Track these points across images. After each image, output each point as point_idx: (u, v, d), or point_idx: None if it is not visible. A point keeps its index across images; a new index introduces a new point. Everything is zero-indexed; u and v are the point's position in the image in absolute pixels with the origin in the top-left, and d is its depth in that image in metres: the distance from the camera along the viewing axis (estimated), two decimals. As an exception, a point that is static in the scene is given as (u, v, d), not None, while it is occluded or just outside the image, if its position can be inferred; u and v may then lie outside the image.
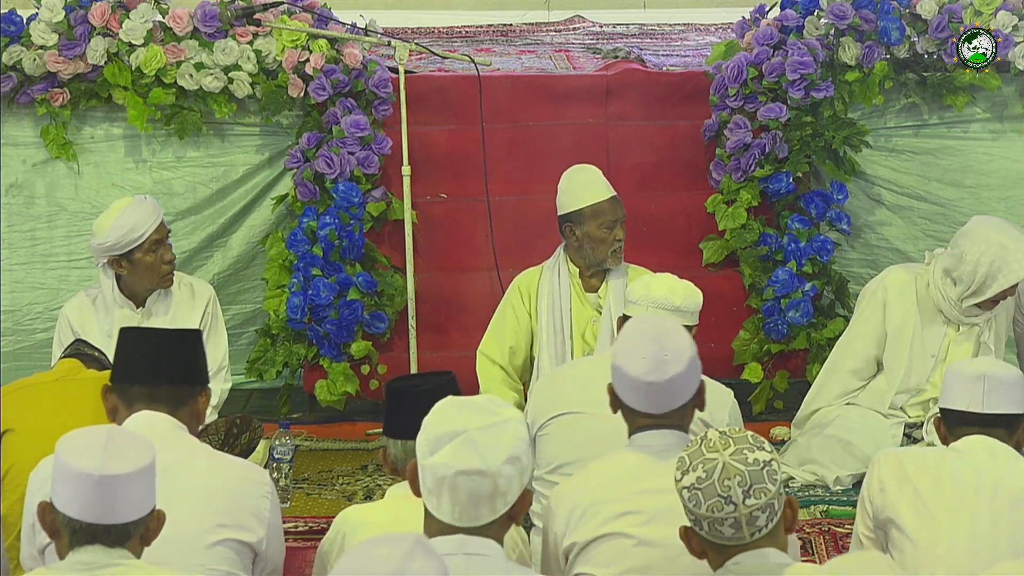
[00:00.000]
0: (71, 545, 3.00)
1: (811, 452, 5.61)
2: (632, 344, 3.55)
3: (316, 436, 6.17)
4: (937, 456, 3.84)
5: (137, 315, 5.43)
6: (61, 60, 6.19)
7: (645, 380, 3.50)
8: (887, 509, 3.80)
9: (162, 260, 5.39)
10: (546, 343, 5.51)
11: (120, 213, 5.35)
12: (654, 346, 3.51)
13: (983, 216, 5.69)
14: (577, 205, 5.48)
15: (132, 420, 3.60)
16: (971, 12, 6.33)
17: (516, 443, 2.89)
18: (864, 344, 5.59)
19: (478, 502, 2.87)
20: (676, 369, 3.50)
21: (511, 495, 2.90)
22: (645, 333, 3.56)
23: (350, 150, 6.24)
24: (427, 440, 2.90)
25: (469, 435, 2.87)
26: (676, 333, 3.58)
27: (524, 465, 2.90)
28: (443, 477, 2.86)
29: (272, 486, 3.68)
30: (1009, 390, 3.79)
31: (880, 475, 3.84)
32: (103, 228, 5.35)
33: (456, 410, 2.92)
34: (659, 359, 3.50)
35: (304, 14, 6.35)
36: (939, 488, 3.76)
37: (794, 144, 6.33)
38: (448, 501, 2.88)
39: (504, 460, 2.86)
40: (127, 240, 5.33)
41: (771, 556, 3.04)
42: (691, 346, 3.56)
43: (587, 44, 7.86)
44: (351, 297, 6.24)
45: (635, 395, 3.54)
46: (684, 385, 3.53)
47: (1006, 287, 5.32)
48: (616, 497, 3.50)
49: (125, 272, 5.39)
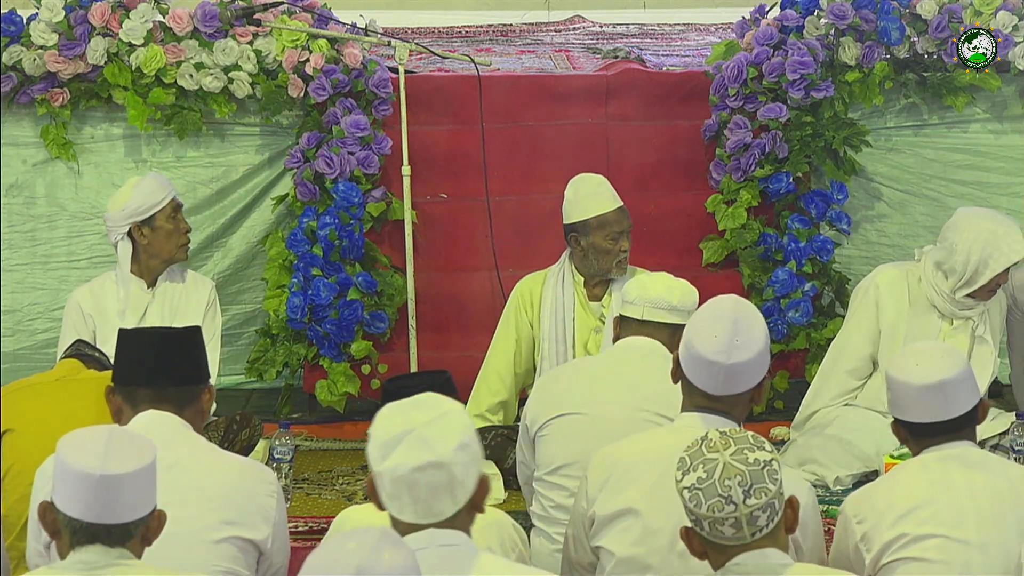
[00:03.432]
0: (72, 545, 3.01)
1: (811, 452, 5.61)
2: (709, 320, 3.55)
3: (316, 436, 6.16)
4: (907, 486, 3.67)
5: (147, 295, 5.63)
6: (61, 60, 6.19)
7: (710, 359, 3.51)
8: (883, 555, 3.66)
9: (181, 229, 5.67)
10: (547, 352, 5.54)
11: (138, 183, 5.66)
12: (729, 328, 3.52)
13: (968, 207, 5.72)
14: (583, 216, 5.49)
15: (138, 420, 3.61)
16: (971, 12, 6.33)
17: (463, 431, 2.90)
18: (859, 343, 5.59)
19: (438, 495, 2.88)
20: (743, 356, 3.51)
21: (469, 483, 2.91)
22: (724, 313, 3.56)
23: (350, 150, 6.24)
24: (376, 447, 2.90)
25: (416, 432, 2.87)
26: (755, 321, 3.57)
27: (475, 451, 2.91)
28: (400, 477, 2.86)
29: (278, 485, 3.70)
30: (966, 385, 3.65)
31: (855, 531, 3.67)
32: (123, 198, 5.63)
33: (398, 413, 2.92)
34: (730, 342, 3.51)
35: (304, 14, 6.36)
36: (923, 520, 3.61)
37: (794, 144, 6.33)
38: (409, 501, 2.88)
39: (455, 448, 2.87)
40: (150, 203, 5.59)
41: (772, 556, 3.04)
42: (765, 338, 3.56)
43: (587, 44, 7.86)
44: (351, 297, 6.24)
45: (697, 370, 3.55)
46: (747, 373, 3.54)
47: (999, 271, 5.35)
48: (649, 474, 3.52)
49: (146, 240, 5.61)
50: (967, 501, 3.55)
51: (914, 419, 3.64)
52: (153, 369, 3.66)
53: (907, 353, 3.78)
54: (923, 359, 3.65)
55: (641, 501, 3.54)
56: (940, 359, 3.64)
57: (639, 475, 3.56)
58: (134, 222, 5.58)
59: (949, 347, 3.81)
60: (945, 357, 3.66)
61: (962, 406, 3.64)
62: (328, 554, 2.54)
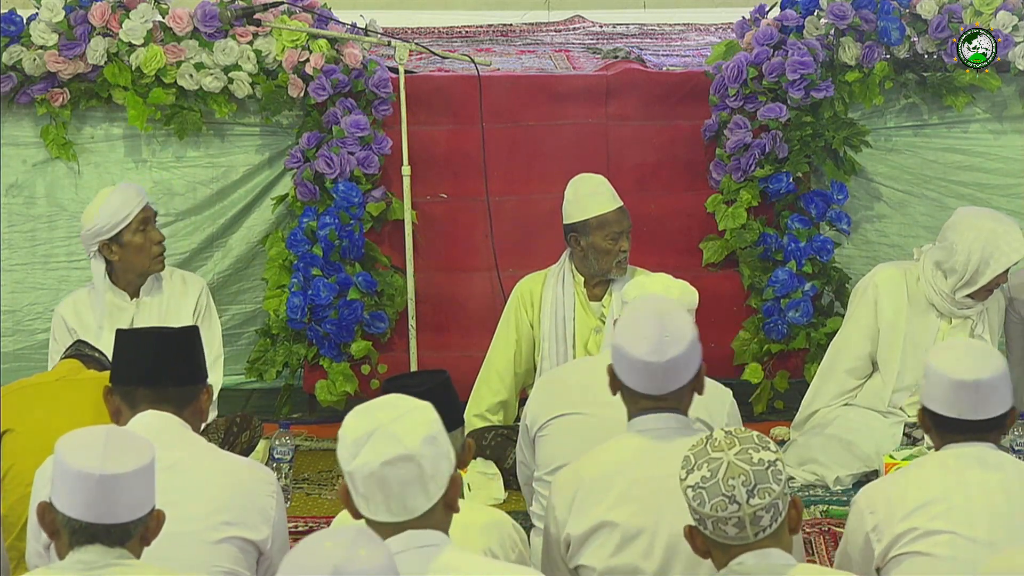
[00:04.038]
0: (71, 545, 3.00)
1: (811, 452, 5.61)
2: (634, 324, 3.58)
3: (316, 436, 6.16)
4: (922, 481, 3.65)
5: (131, 306, 5.47)
6: (61, 60, 6.19)
7: (645, 360, 3.53)
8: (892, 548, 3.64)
9: (151, 240, 5.48)
10: (548, 352, 5.55)
11: (106, 198, 5.47)
12: (656, 327, 3.54)
13: (967, 207, 5.72)
14: (583, 216, 5.49)
15: (137, 420, 3.60)
16: (971, 12, 6.33)
17: (430, 425, 2.91)
18: (858, 342, 5.59)
19: (410, 489, 2.88)
20: (677, 350, 3.53)
21: (440, 478, 2.91)
22: (647, 314, 3.58)
23: (350, 150, 6.24)
24: (345, 448, 2.91)
25: (383, 428, 2.89)
26: (678, 314, 3.60)
27: (443, 446, 2.92)
28: (370, 474, 2.87)
29: (278, 485, 3.70)
30: (1000, 389, 3.63)
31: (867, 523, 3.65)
32: (90, 215, 5.47)
33: (365, 413, 2.94)
34: (660, 340, 3.53)
35: (304, 14, 6.35)
36: (935, 516, 3.59)
37: (794, 144, 6.33)
38: (382, 498, 2.89)
39: (422, 440, 2.88)
40: (114, 221, 5.42)
41: (775, 556, 3.04)
42: (692, 328, 3.59)
43: (587, 44, 7.86)
44: (351, 297, 6.24)
45: (635, 376, 3.57)
46: (684, 366, 3.56)
47: (999, 271, 5.36)
48: (616, 484, 3.53)
49: (116, 257, 5.46)
50: (980, 499, 3.54)
51: (942, 412, 3.61)
52: (151, 369, 3.66)
53: (952, 346, 3.81)
54: (965, 355, 3.63)
55: (613, 512, 3.54)
56: (981, 358, 3.62)
57: (606, 488, 3.56)
58: (101, 240, 5.44)
59: (994, 350, 3.79)
60: (987, 358, 3.63)
61: (992, 409, 3.60)
62: (305, 554, 2.54)
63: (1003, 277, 5.42)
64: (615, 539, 3.52)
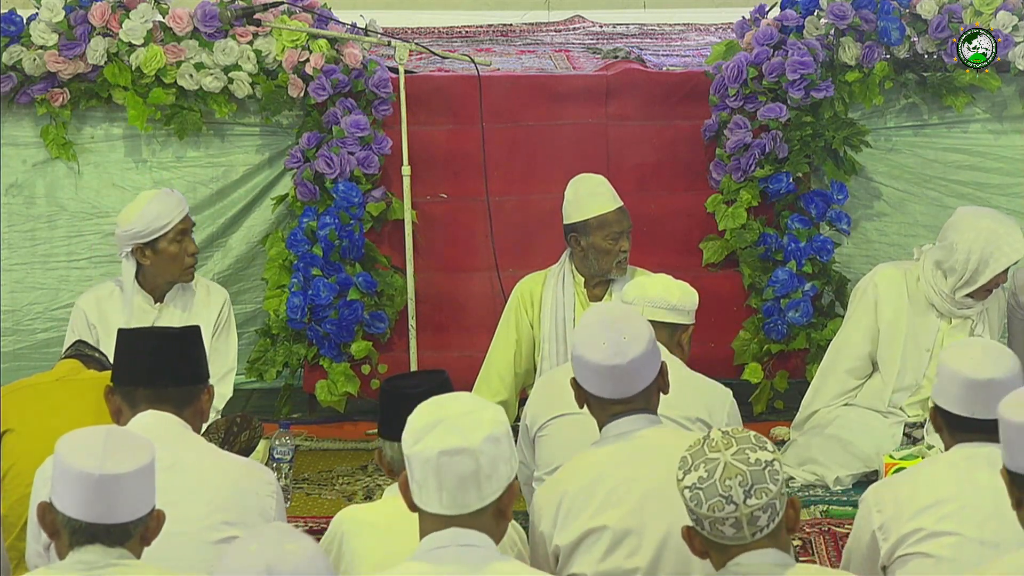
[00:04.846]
0: (71, 545, 3.00)
1: (811, 452, 5.61)
2: (590, 333, 3.61)
3: (316, 436, 6.17)
4: (931, 481, 3.65)
5: (154, 310, 5.46)
6: (61, 60, 6.19)
7: (608, 364, 3.56)
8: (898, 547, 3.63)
9: (186, 252, 5.44)
10: (548, 352, 5.55)
11: (148, 202, 5.41)
12: (611, 331, 3.58)
13: (968, 206, 5.72)
14: (583, 216, 5.49)
15: (137, 420, 3.61)
16: (971, 12, 6.33)
17: (496, 425, 2.95)
18: (858, 342, 5.59)
19: (464, 485, 2.91)
20: (637, 350, 3.57)
21: (496, 480, 2.94)
22: (601, 320, 3.62)
23: (350, 150, 6.24)
24: (411, 432, 2.96)
25: (449, 421, 2.93)
26: (631, 317, 3.66)
27: (506, 450, 2.95)
28: (427, 460, 2.91)
29: (278, 485, 3.70)
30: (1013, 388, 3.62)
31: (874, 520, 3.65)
32: (129, 216, 5.41)
33: (436, 404, 2.99)
34: (618, 343, 3.56)
35: (304, 14, 6.36)
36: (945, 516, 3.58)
37: (794, 144, 6.33)
38: (435, 487, 2.91)
39: (484, 438, 2.91)
40: (153, 228, 5.37)
41: (773, 556, 3.03)
42: (648, 328, 3.63)
43: (587, 44, 7.86)
44: (351, 297, 6.24)
45: (600, 382, 3.60)
46: (646, 365, 3.59)
47: (999, 271, 5.36)
48: (598, 491, 3.54)
49: (148, 262, 5.41)
50: (989, 501, 3.52)
51: (954, 410, 3.60)
52: (152, 369, 3.66)
53: (968, 344, 3.80)
54: (980, 354, 3.61)
55: (600, 517, 3.54)
56: (996, 358, 3.61)
57: (589, 495, 3.57)
58: (136, 244, 5.39)
59: (1008, 350, 3.78)
60: (1002, 358, 3.62)
61: None
62: (235, 561, 2.59)
63: (1003, 277, 5.42)
64: (604, 543, 3.53)
